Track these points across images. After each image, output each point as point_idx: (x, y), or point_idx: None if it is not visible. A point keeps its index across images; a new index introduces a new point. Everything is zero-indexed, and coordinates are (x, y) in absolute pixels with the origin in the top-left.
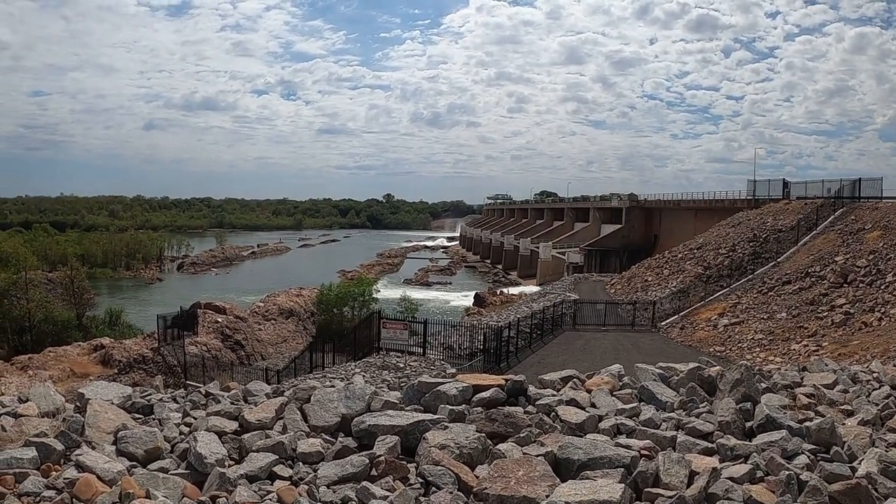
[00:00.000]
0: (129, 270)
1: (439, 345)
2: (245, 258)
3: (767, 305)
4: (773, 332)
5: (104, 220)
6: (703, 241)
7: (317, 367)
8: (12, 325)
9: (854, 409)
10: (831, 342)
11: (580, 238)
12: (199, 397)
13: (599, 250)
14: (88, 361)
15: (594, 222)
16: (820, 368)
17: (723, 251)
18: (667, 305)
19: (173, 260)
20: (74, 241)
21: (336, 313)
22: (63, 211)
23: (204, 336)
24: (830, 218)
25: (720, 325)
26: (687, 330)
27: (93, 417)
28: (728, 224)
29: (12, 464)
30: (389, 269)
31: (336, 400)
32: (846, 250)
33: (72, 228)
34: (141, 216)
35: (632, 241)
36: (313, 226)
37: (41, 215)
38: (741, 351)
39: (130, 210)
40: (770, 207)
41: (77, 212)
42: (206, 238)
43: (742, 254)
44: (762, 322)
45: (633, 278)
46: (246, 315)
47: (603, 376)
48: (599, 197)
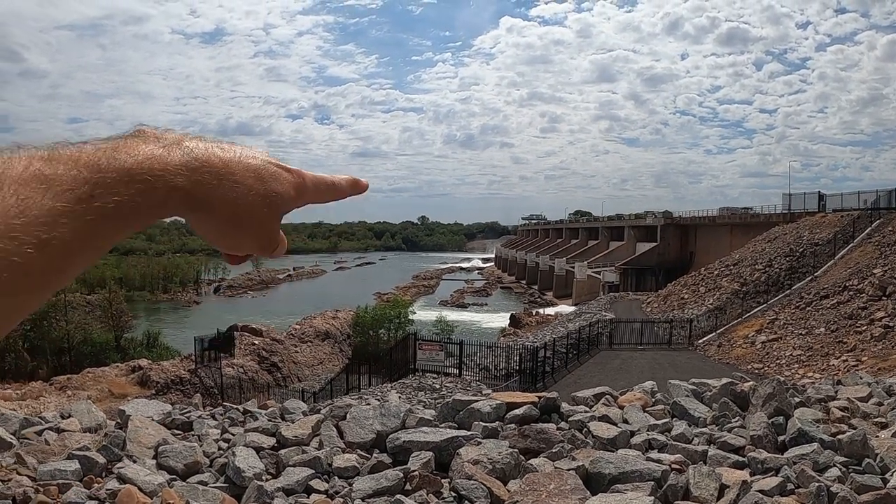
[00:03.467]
0: (166, 293)
1: (475, 366)
2: (281, 281)
3: (805, 321)
4: (811, 348)
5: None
6: (739, 257)
7: (353, 389)
8: (52, 347)
9: (888, 421)
10: (871, 356)
11: (615, 257)
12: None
13: (635, 269)
14: (126, 382)
15: (629, 241)
16: (854, 381)
17: (759, 267)
18: (704, 323)
19: (210, 283)
20: (113, 265)
21: (372, 335)
22: None
23: (241, 358)
24: (867, 230)
25: (758, 342)
26: (724, 347)
27: (134, 433)
28: (764, 239)
29: (56, 475)
30: (425, 290)
31: (371, 417)
32: (884, 262)
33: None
34: (178, 240)
35: (667, 259)
36: (349, 248)
37: None
38: (779, 368)
39: (168, 234)
40: (806, 221)
41: None
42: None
43: (779, 269)
44: (800, 338)
45: (669, 296)
46: (282, 337)
47: (636, 392)
48: (634, 215)
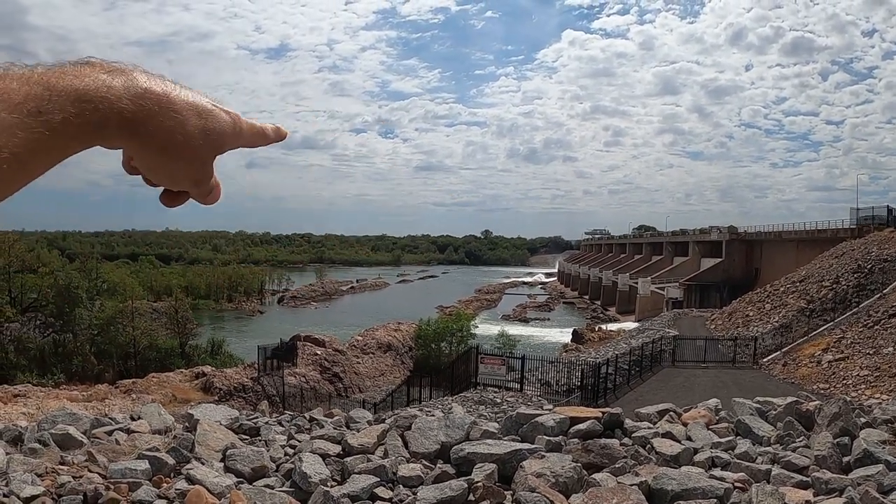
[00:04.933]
0: (231, 303)
1: (536, 381)
2: (344, 293)
3: (873, 340)
4: (879, 368)
5: (208, 253)
6: (805, 274)
7: (414, 401)
8: (118, 351)
9: None
10: None
11: (679, 273)
12: (304, 422)
13: (699, 285)
14: (190, 388)
15: (693, 256)
16: None
17: (826, 283)
18: (768, 341)
19: (274, 293)
20: (179, 274)
21: (434, 348)
22: (168, 244)
23: (303, 367)
24: None
25: (824, 362)
26: (789, 367)
27: (202, 436)
28: (831, 255)
29: (126, 474)
30: (487, 304)
31: (436, 428)
32: None
33: (176, 261)
34: (243, 251)
35: (732, 275)
36: (412, 261)
37: (147, 248)
38: (846, 388)
39: (233, 244)
40: (875, 236)
41: (182, 245)
42: (307, 273)
43: (846, 286)
44: (868, 357)
45: (733, 313)
46: (345, 348)
47: (700, 410)
48: (699, 230)
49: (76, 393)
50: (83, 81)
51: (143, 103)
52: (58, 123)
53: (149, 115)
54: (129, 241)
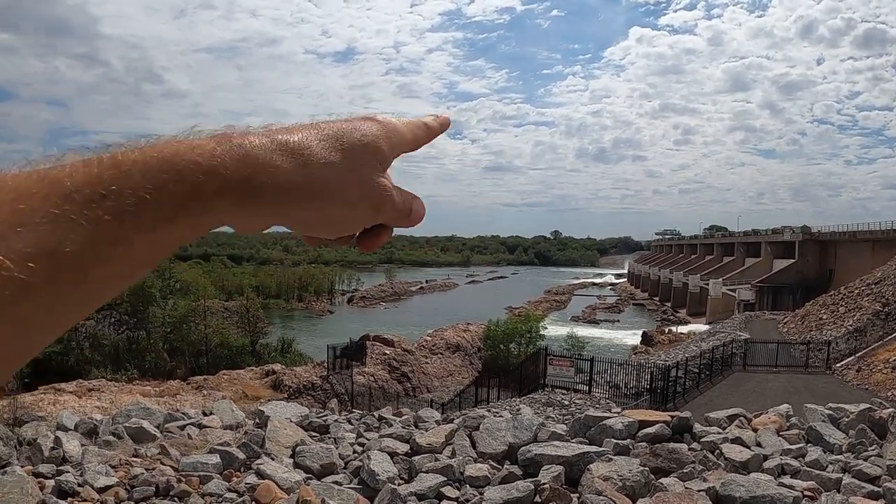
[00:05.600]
0: (301, 302)
1: (605, 383)
2: (414, 293)
3: None
4: None
5: (278, 254)
6: (881, 276)
7: (482, 402)
8: (190, 348)
9: None
10: None
11: (751, 274)
12: (373, 420)
13: (771, 286)
14: (260, 385)
15: (766, 257)
16: None
17: None
18: (842, 346)
19: (344, 293)
20: (250, 274)
21: (503, 349)
22: (240, 245)
23: (372, 367)
24: None
25: None
26: (863, 372)
27: (273, 432)
28: None
29: (198, 467)
30: (557, 305)
31: (504, 429)
32: None
33: (247, 261)
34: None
35: (806, 277)
36: (481, 262)
37: (219, 248)
38: None
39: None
40: None
41: (253, 246)
42: (376, 273)
43: None
44: None
45: (806, 316)
46: (413, 348)
47: (770, 415)
48: (771, 230)
49: (149, 388)
50: (167, 150)
51: (257, 161)
52: (131, 208)
53: (270, 171)
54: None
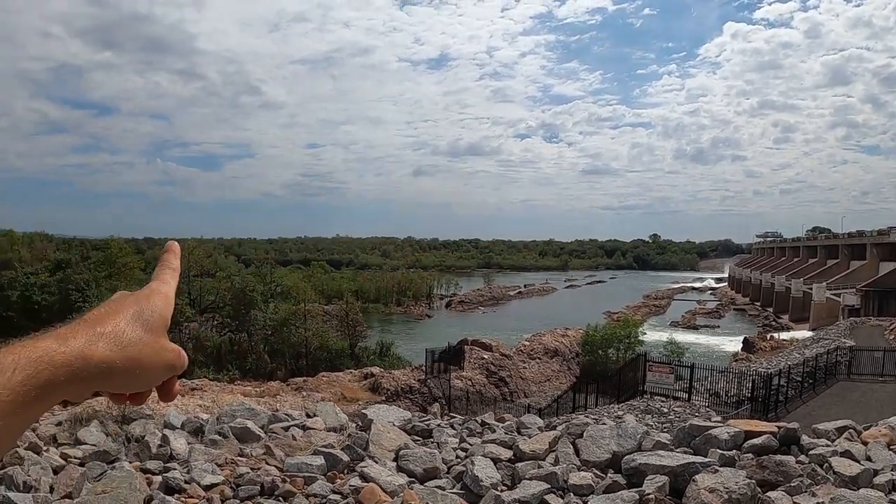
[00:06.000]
0: (399, 306)
1: (705, 391)
2: (512, 298)
3: None
4: None
5: (377, 259)
6: None
7: (579, 408)
8: (290, 351)
9: None
10: None
11: (856, 278)
12: (475, 426)
13: (878, 291)
14: (358, 388)
15: (871, 260)
16: None
17: None
18: None
19: (442, 298)
20: (349, 278)
21: (601, 354)
22: (339, 250)
23: (469, 371)
24: None
25: None
26: None
27: (376, 435)
28: None
29: (302, 468)
30: (656, 310)
31: (608, 437)
32: None
33: (347, 266)
34: (412, 256)
35: None
36: (579, 266)
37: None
38: None
39: (402, 250)
40: None
41: (352, 251)
42: (474, 278)
43: None
44: None
45: None
46: (511, 353)
47: (881, 428)
48: (877, 231)
49: (249, 389)
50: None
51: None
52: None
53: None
54: (301, 247)
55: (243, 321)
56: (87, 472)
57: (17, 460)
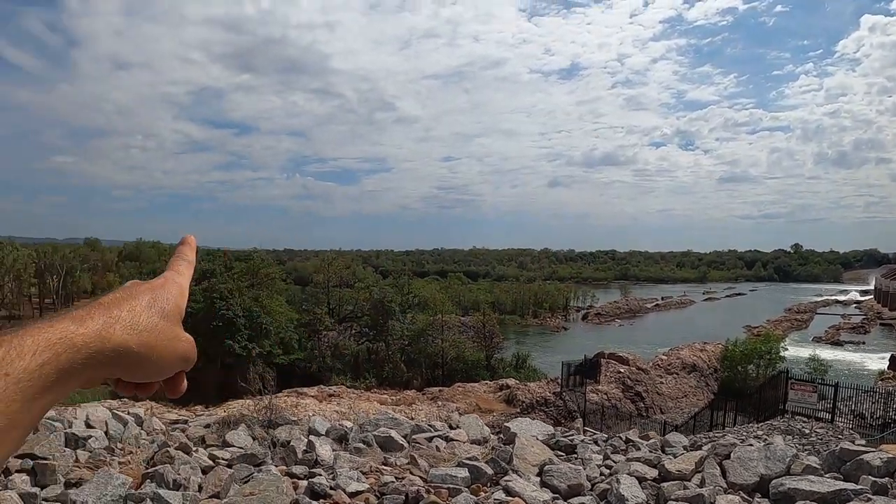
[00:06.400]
0: (535, 318)
1: (849, 412)
2: (649, 310)
3: None
4: None
5: (513, 271)
6: None
7: (717, 426)
8: (426, 361)
9: None
10: None
11: None
12: (620, 442)
13: None
14: (493, 399)
15: None
16: None
17: None
18: None
19: (578, 310)
20: (486, 290)
21: (740, 371)
22: (475, 262)
23: (605, 385)
24: None
25: None
26: None
27: (520, 449)
28: None
29: (446, 480)
30: (797, 325)
31: (756, 459)
32: None
33: (483, 278)
34: (548, 268)
35: None
36: (717, 278)
37: (455, 265)
38: None
39: (538, 262)
40: None
41: (488, 263)
42: (611, 290)
43: None
44: None
45: None
46: (648, 367)
47: None
48: None
49: (386, 397)
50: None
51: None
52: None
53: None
54: (438, 258)
55: (381, 331)
56: (234, 473)
57: (168, 459)
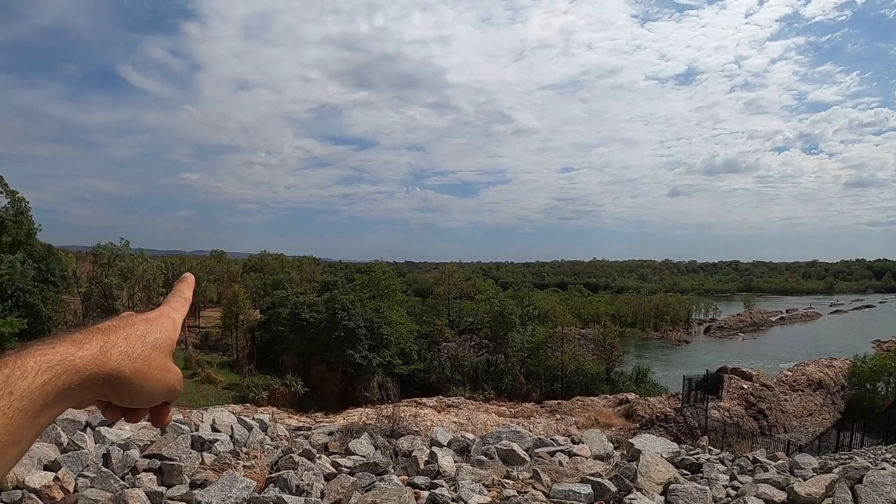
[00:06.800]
0: (656, 331)
1: None
2: (773, 323)
3: None
4: None
5: (634, 282)
6: None
7: (843, 447)
8: (546, 373)
9: None
10: None
11: None
12: (747, 463)
13: None
14: (612, 413)
15: None
16: None
17: None
18: None
19: (700, 323)
20: (606, 302)
21: (868, 389)
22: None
23: (727, 401)
24: None
25: None
26: None
27: (645, 467)
28: None
29: (569, 495)
30: None
31: (889, 484)
32: None
33: (603, 290)
34: (669, 279)
35: None
36: (845, 290)
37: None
38: None
39: (659, 273)
40: None
41: (608, 274)
42: (734, 302)
43: None
44: None
45: None
46: (772, 383)
47: None
48: None
49: (504, 409)
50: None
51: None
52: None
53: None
54: (558, 270)
55: (501, 342)
56: (356, 481)
57: (292, 465)
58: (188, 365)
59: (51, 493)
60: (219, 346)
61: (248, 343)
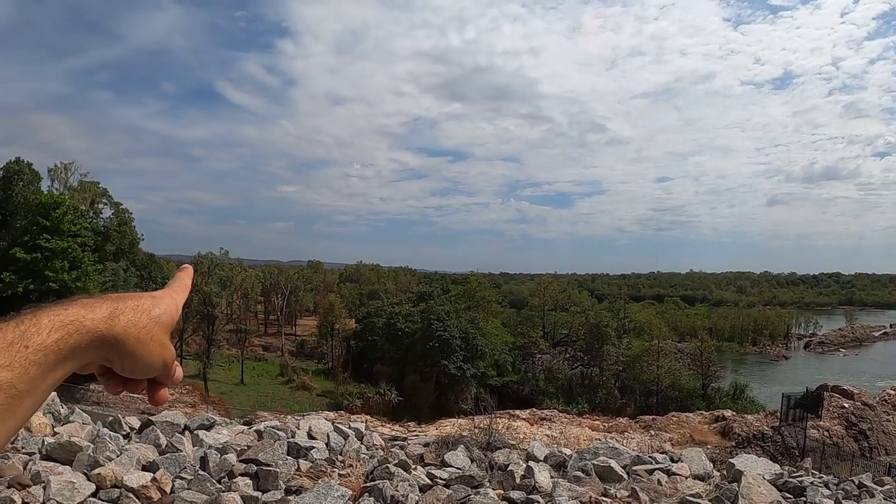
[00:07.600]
0: (754, 346)
1: None
2: (876, 339)
3: None
4: None
5: (732, 295)
6: None
7: None
8: (641, 387)
9: None
10: None
11: None
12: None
13: None
14: (708, 430)
15: None
16: None
17: None
18: None
19: (800, 338)
20: (703, 315)
21: None
22: (692, 286)
23: (827, 420)
24: None
25: None
26: None
27: (746, 489)
28: None
29: None
30: None
31: None
32: None
33: (700, 303)
34: (768, 292)
35: None
36: None
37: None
38: None
39: (758, 286)
40: None
41: (705, 287)
42: (835, 316)
43: None
44: None
45: None
46: (874, 402)
47: None
48: None
49: (597, 423)
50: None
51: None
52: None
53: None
54: (654, 282)
55: (595, 355)
56: (452, 494)
57: (387, 475)
58: (284, 371)
59: (148, 493)
60: (314, 353)
61: (343, 351)
